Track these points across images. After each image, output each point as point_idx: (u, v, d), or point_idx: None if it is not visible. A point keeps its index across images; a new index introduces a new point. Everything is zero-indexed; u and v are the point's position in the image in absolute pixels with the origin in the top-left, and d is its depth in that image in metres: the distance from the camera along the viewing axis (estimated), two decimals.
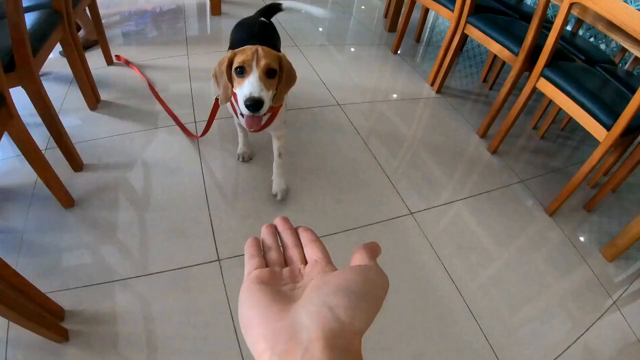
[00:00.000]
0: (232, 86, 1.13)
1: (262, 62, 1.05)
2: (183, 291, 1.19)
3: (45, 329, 1.00)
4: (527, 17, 2.09)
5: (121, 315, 1.12)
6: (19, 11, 1.05)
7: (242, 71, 1.07)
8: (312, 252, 0.40)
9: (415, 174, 1.75)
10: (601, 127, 1.42)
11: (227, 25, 2.72)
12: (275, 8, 1.74)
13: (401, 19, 2.60)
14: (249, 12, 1.69)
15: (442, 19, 3.54)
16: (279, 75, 1.11)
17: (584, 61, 1.88)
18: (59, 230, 1.31)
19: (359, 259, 0.38)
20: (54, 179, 1.30)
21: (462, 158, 1.90)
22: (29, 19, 1.30)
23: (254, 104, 1.04)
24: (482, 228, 1.55)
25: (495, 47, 1.91)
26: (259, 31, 1.51)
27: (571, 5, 1.41)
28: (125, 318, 1.12)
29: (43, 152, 1.29)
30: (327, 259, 0.39)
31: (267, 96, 1.06)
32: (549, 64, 1.61)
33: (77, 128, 1.70)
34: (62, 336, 1.04)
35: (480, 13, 2.03)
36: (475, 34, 2.01)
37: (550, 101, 2.15)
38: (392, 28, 3.01)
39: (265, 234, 0.43)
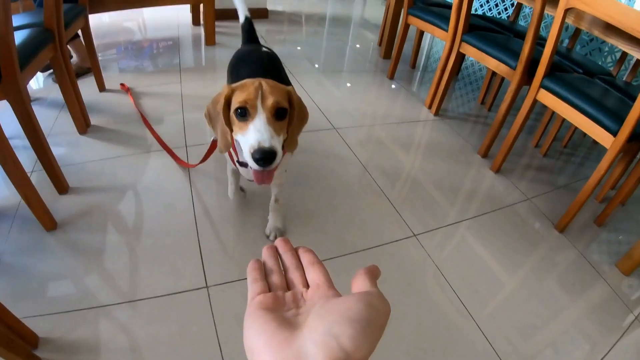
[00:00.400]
0: (231, 130, 0.93)
1: (269, 101, 0.85)
2: (169, 319, 1.11)
3: (16, 355, 0.92)
4: (521, 35, 2.11)
5: (101, 344, 1.03)
6: (7, 22, 1.04)
7: (244, 113, 0.87)
8: (313, 275, 0.41)
9: (416, 195, 1.70)
10: (607, 133, 1.38)
11: (220, 54, 2.76)
12: (248, 25, 1.60)
13: (395, 45, 2.64)
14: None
15: (437, 46, 3.62)
16: (289, 114, 0.91)
17: (581, 74, 1.87)
18: (39, 253, 1.25)
19: (360, 284, 0.38)
20: (35, 197, 1.25)
21: (464, 179, 1.85)
22: (20, 34, 1.30)
23: (265, 157, 0.82)
24: (490, 248, 1.48)
25: (492, 63, 1.91)
26: (267, 65, 1.30)
27: (566, 11, 1.42)
28: (105, 347, 1.03)
29: (29, 174, 1.25)
30: (329, 283, 0.40)
31: (279, 143, 0.86)
32: (548, 74, 1.60)
33: (65, 151, 1.66)
34: None
35: (474, 32, 2.05)
36: (471, 52, 2.02)
37: (551, 118, 2.14)
38: (387, 55, 3.05)
39: (266, 257, 0.44)
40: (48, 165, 1.40)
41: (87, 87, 2.08)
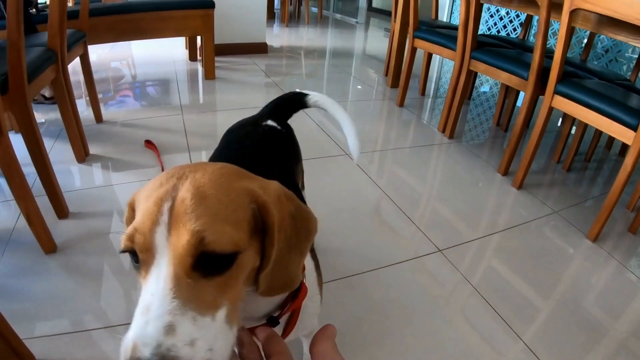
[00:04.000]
0: None
1: (183, 236, 0.41)
2: None
3: None
4: (530, 51, 2.28)
5: None
6: (19, 30, 1.18)
7: (136, 259, 0.45)
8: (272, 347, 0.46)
9: (438, 213, 1.79)
10: (627, 129, 1.49)
11: (221, 87, 2.95)
12: (297, 101, 1.19)
13: (403, 70, 2.82)
14: (246, 77, 1.71)
15: (445, 76, 3.83)
16: (240, 261, 0.44)
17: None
18: (37, 275, 1.31)
19: (322, 353, 0.42)
20: (36, 216, 1.33)
21: (487, 197, 1.95)
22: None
23: None
24: (521, 259, 1.54)
25: (503, 76, 2.06)
26: (255, 148, 0.95)
27: (572, 14, 1.57)
28: None
29: None
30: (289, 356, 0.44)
31: (205, 339, 0.40)
32: (561, 80, 1.74)
33: (64, 178, 1.78)
34: None
35: (482, 48, 2.22)
36: (481, 68, 2.18)
37: (570, 132, 2.25)
38: (394, 84, 3.24)
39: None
40: (50, 186, 1.50)
41: (83, 118, 2.23)
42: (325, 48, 4.61)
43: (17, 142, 1.29)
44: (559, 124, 2.86)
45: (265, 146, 0.96)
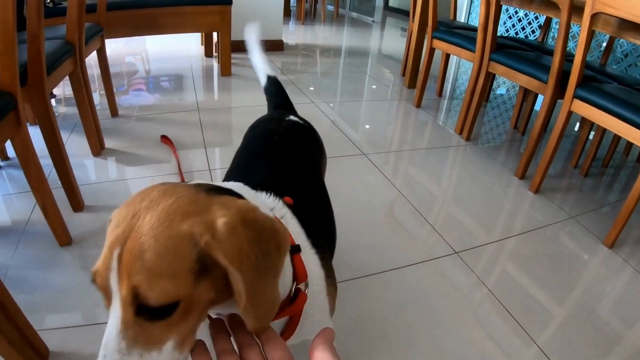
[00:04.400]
0: None
1: (124, 287, 0.44)
2: None
3: None
4: (549, 53, 2.26)
5: None
6: (39, 23, 1.21)
7: None
8: (274, 351, 0.43)
9: (455, 216, 1.79)
10: None
11: (237, 85, 2.98)
12: (275, 83, 1.33)
13: (421, 71, 2.82)
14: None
15: (461, 77, 3.80)
16: (184, 305, 0.46)
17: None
18: (52, 267, 1.33)
19: (321, 358, 0.41)
20: (52, 205, 1.35)
21: (503, 200, 1.94)
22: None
23: None
24: (537, 265, 1.53)
25: (522, 79, 2.04)
26: (282, 143, 0.99)
27: (593, 18, 1.55)
28: None
29: None
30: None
31: None
32: (580, 84, 1.72)
33: (80, 171, 1.80)
34: None
35: (501, 50, 2.20)
36: (500, 70, 2.16)
37: (587, 137, 2.23)
38: (411, 85, 3.23)
39: (214, 334, 0.46)
40: (66, 179, 1.52)
41: (99, 112, 2.27)
42: (341, 46, 4.62)
43: (33, 134, 1.31)
44: (576, 128, 2.84)
45: (291, 141, 1.00)
